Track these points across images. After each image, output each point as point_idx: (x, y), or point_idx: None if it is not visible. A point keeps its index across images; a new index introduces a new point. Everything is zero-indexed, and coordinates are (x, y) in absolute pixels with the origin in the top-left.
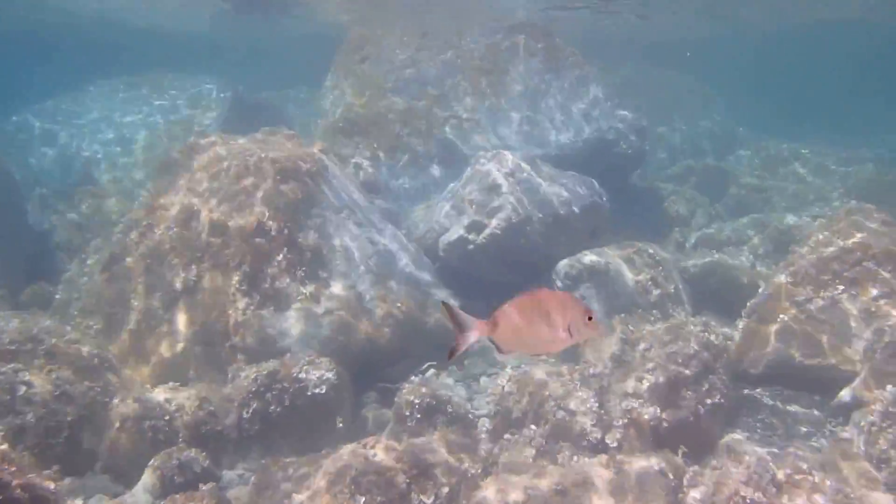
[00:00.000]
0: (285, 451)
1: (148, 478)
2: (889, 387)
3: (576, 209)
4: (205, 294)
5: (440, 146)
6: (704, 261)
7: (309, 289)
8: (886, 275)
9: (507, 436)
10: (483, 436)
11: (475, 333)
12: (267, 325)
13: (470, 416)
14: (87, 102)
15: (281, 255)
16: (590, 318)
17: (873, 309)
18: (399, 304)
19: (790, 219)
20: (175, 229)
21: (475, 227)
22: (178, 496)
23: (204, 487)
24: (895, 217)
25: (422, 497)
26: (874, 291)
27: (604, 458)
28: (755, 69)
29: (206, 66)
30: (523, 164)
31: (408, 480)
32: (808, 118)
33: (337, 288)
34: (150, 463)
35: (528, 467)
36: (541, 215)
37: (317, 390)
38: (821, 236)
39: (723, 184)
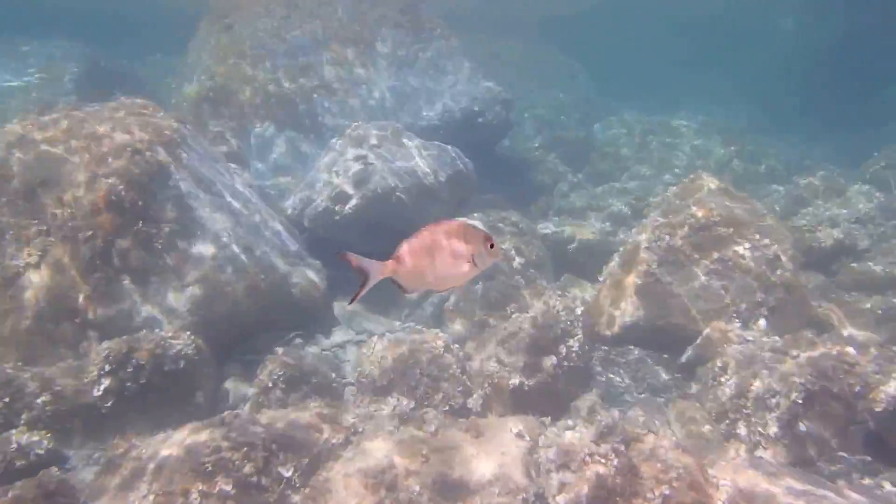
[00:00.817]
0: (142, 428)
1: None
2: (730, 346)
3: (441, 179)
4: (52, 269)
5: (307, 117)
6: (564, 228)
7: (167, 261)
8: (726, 238)
9: (371, 404)
10: (348, 404)
11: (376, 276)
12: (121, 300)
13: (335, 385)
14: None
15: (136, 228)
16: (491, 246)
17: (715, 270)
18: (263, 276)
19: (647, 186)
20: (19, 202)
21: (341, 197)
22: (17, 483)
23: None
24: (737, 185)
25: (280, 469)
26: (716, 255)
27: (465, 422)
28: (619, 43)
29: (64, 31)
30: (389, 135)
31: (266, 454)
32: (669, 90)
33: (197, 260)
34: None
35: (392, 434)
36: (406, 185)
37: (175, 365)
38: (671, 204)
39: (586, 154)
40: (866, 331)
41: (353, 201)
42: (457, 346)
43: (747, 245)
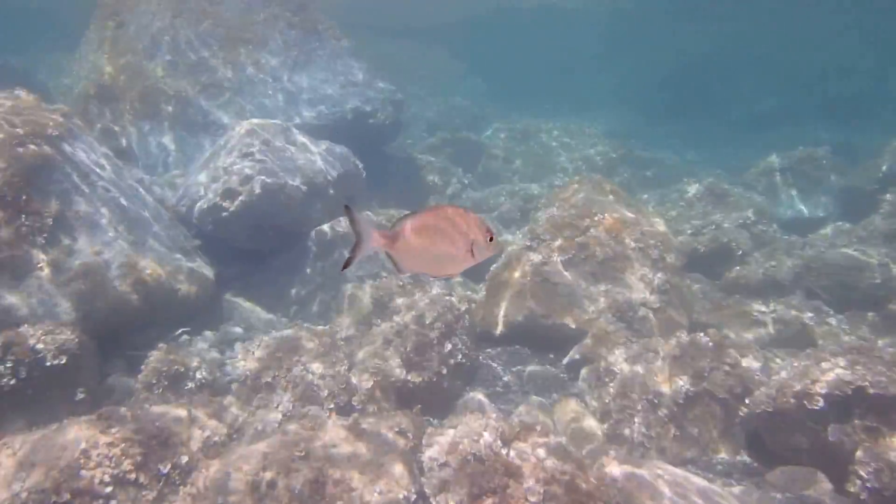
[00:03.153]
0: (19, 425)
1: None
2: (614, 346)
3: (331, 177)
4: None
5: (198, 114)
6: None
7: (50, 256)
8: (610, 240)
9: (254, 401)
10: (231, 402)
11: (372, 245)
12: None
13: (220, 381)
14: None
15: (18, 222)
16: (490, 238)
17: (599, 272)
18: (149, 272)
19: (534, 188)
20: None
21: (229, 194)
22: None
23: None
24: (623, 188)
25: (159, 466)
26: (600, 254)
27: (346, 420)
28: (509, 50)
29: None
30: (278, 133)
31: (144, 451)
32: (554, 96)
33: (81, 255)
34: None
35: (273, 432)
36: (296, 183)
37: (55, 361)
38: (554, 205)
39: (476, 155)
40: (746, 333)
41: (241, 198)
42: (342, 343)
43: (632, 247)
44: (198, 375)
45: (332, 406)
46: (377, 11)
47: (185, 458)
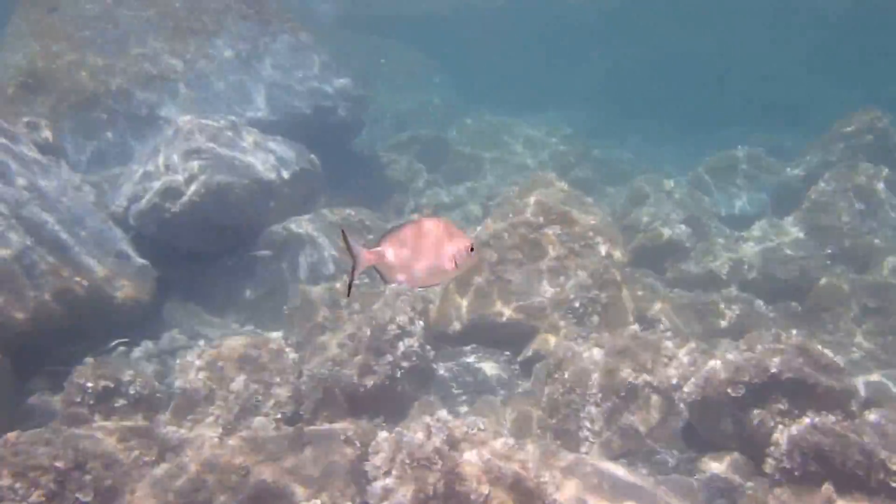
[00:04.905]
0: None
1: None
2: (563, 342)
3: (284, 175)
4: None
5: (139, 108)
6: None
7: None
8: (561, 237)
9: (193, 414)
10: (166, 417)
11: (362, 264)
12: None
13: (157, 395)
14: None
15: None
16: (471, 249)
17: (551, 268)
18: (78, 279)
19: (499, 186)
20: None
21: (171, 194)
22: None
23: None
24: (579, 185)
25: (77, 495)
26: (553, 252)
27: (291, 430)
28: (478, 46)
29: None
30: (226, 129)
31: (59, 478)
32: (524, 93)
33: None
34: None
35: (210, 447)
36: (245, 181)
37: None
38: (510, 203)
39: (443, 153)
40: (686, 325)
41: (185, 198)
42: (291, 349)
43: (582, 243)
44: (131, 391)
45: (278, 415)
46: (347, 7)
47: (108, 482)
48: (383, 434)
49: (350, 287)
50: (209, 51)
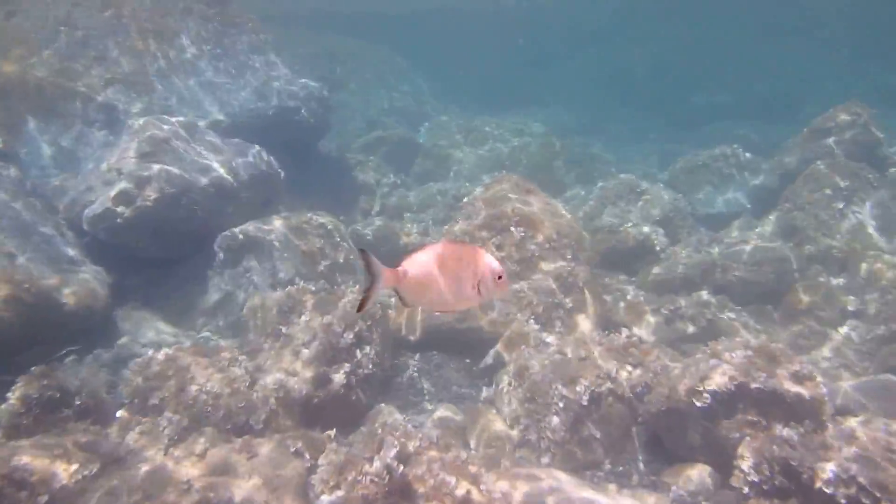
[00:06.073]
0: None
1: None
2: (525, 349)
3: (242, 179)
4: None
5: (100, 111)
6: (376, 227)
7: None
8: (525, 240)
9: (140, 425)
10: (113, 428)
11: (385, 284)
12: None
13: (106, 405)
14: None
15: None
16: (500, 278)
17: (514, 272)
18: (27, 286)
19: (468, 186)
20: None
21: (125, 198)
22: None
23: None
24: (552, 186)
25: None
26: (517, 256)
27: (240, 441)
28: (451, 46)
29: None
30: (182, 131)
31: None
32: (499, 93)
33: None
34: None
35: (156, 459)
36: (202, 185)
37: None
38: (473, 205)
39: (412, 154)
40: (658, 329)
41: (139, 202)
42: (244, 357)
43: (546, 246)
44: (77, 401)
45: (229, 426)
46: (317, 7)
47: (44, 499)
48: (333, 447)
49: (363, 304)
50: (169, 52)
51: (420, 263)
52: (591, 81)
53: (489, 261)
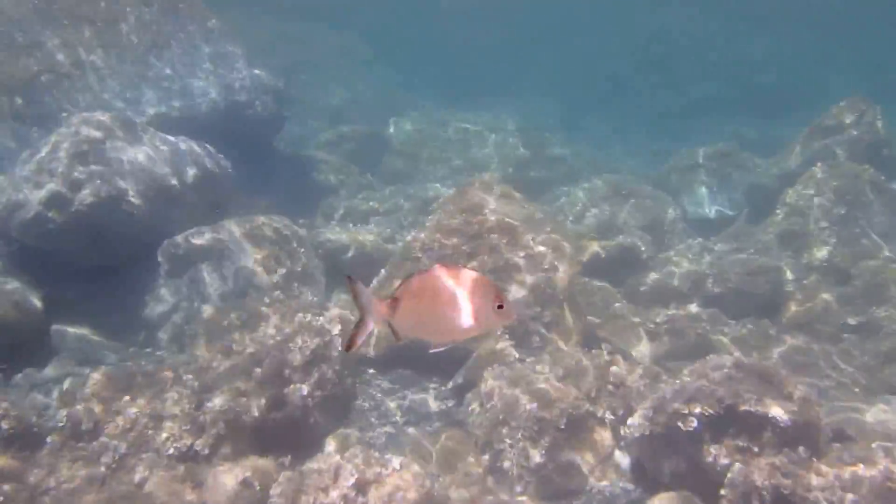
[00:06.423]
0: None
1: None
2: (498, 367)
3: (188, 179)
4: None
5: (30, 105)
6: (342, 234)
7: None
8: (500, 248)
9: (73, 451)
10: (44, 454)
11: (378, 318)
12: None
13: (36, 430)
14: None
15: None
16: (500, 306)
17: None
18: None
19: (438, 188)
20: None
21: (57, 202)
22: None
23: None
24: (533, 186)
25: None
26: (491, 264)
27: (183, 469)
28: (423, 36)
29: None
30: (119, 128)
31: None
32: (476, 85)
33: None
34: None
35: (89, 489)
36: (142, 187)
37: None
38: (445, 210)
39: (379, 152)
40: (644, 345)
41: (74, 207)
42: (190, 376)
43: (522, 254)
44: (3, 425)
45: (172, 452)
46: None
47: None
48: (287, 475)
49: (352, 343)
50: (106, 40)
51: (413, 292)
52: (574, 72)
53: (487, 287)
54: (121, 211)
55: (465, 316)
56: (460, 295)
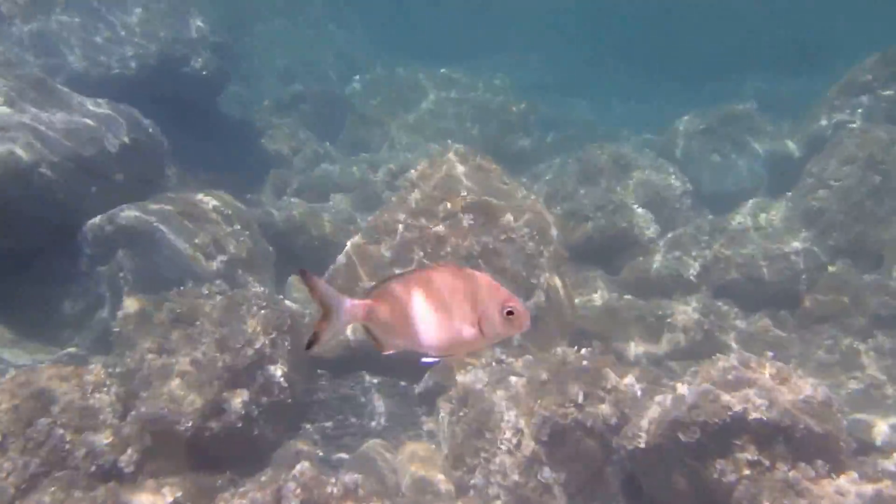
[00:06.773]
0: None
1: None
2: (472, 370)
3: (114, 149)
4: None
5: None
6: (294, 213)
7: None
8: (480, 231)
9: None
10: None
11: (346, 319)
12: None
13: None
14: None
15: None
16: (510, 313)
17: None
18: None
19: (407, 159)
20: None
21: None
22: None
23: None
24: (503, 157)
25: None
26: (463, 250)
27: (103, 490)
28: None
29: None
30: (28, 88)
31: None
32: (450, 38)
33: None
34: None
35: None
36: (56, 159)
37: None
38: (412, 185)
39: (340, 116)
40: (642, 343)
41: None
42: (115, 380)
43: (502, 237)
44: None
45: (93, 469)
46: None
47: None
48: (225, 496)
49: (312, 343)
50: None
51: (398, 295)
52: (572, 24)
53: (494, 290)
54: (31, 186)
55: (467, 326)
56: (462, 300)
